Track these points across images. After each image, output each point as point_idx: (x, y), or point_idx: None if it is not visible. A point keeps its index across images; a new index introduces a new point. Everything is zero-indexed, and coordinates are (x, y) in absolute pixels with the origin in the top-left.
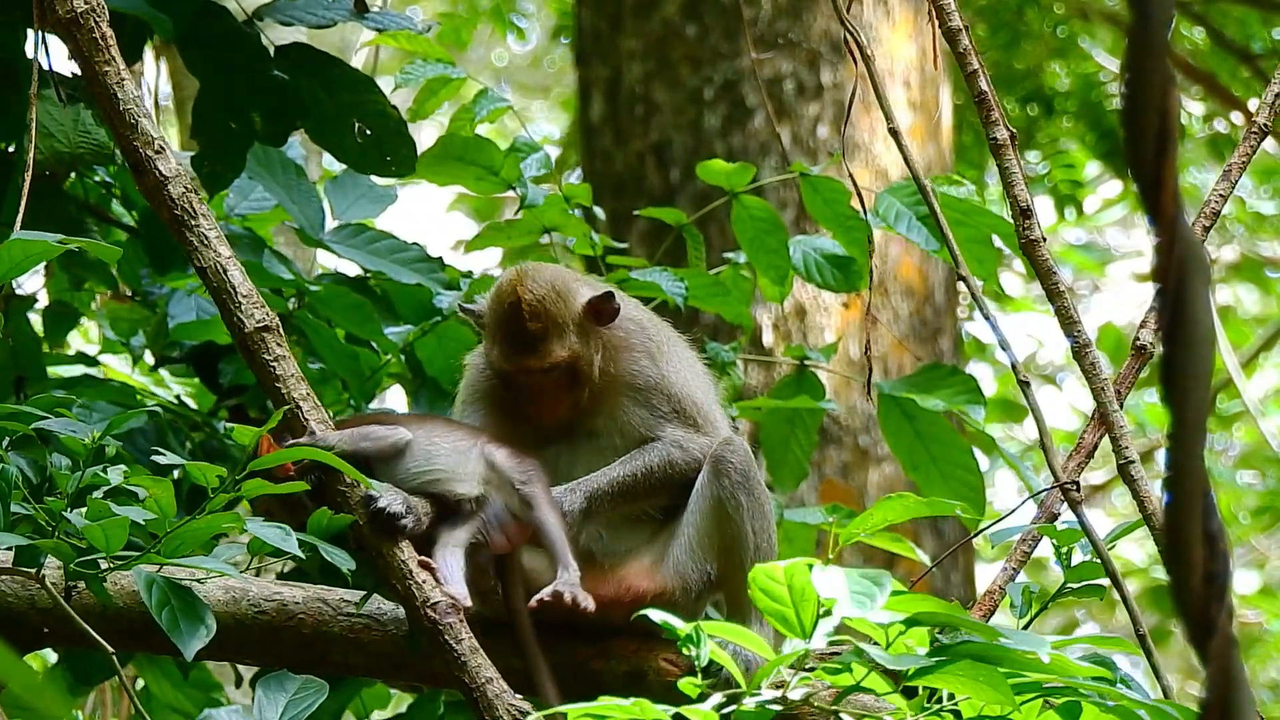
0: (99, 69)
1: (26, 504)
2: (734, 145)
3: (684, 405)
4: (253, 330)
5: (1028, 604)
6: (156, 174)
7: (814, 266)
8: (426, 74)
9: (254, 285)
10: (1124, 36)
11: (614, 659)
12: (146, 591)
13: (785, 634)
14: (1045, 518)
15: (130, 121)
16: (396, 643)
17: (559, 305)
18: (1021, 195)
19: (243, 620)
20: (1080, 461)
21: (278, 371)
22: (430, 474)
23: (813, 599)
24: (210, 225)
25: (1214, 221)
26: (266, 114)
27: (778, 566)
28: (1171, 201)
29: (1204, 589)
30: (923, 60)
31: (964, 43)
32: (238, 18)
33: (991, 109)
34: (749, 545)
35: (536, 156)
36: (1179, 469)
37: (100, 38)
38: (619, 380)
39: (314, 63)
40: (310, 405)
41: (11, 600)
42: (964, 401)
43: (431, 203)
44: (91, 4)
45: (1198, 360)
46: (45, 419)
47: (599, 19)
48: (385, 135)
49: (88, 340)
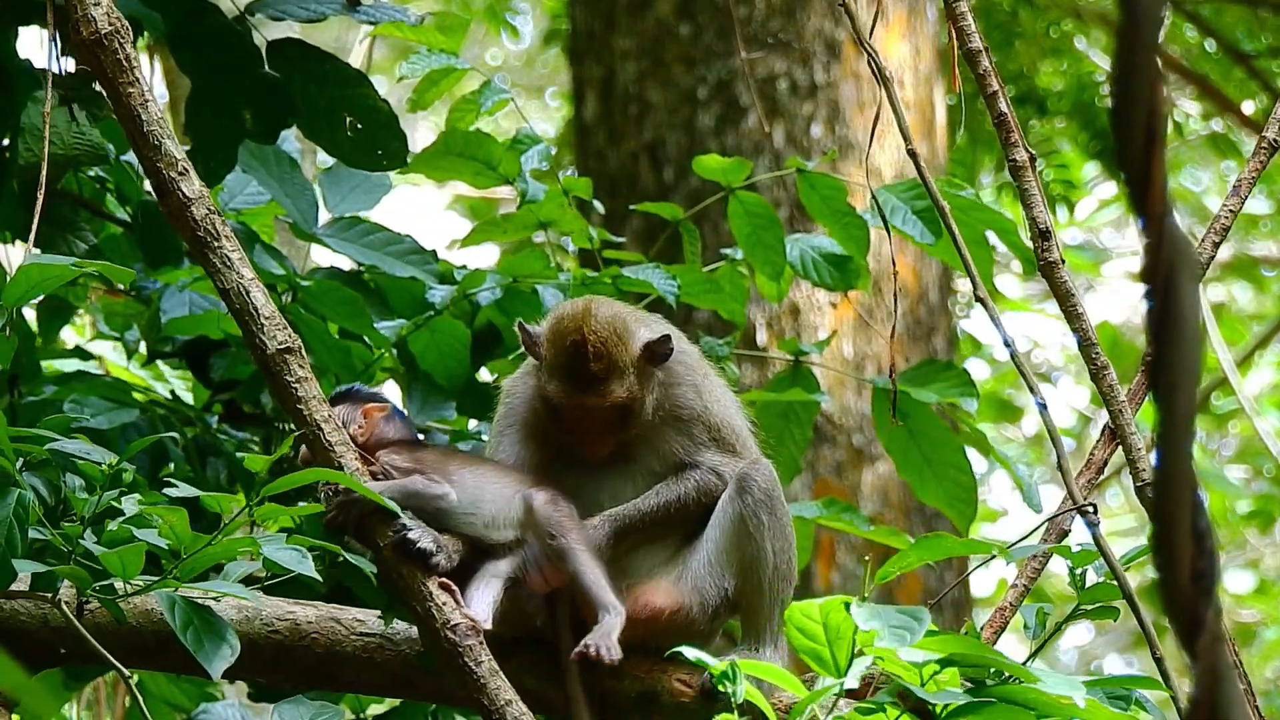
0: (123, 90)
1: (43, 528)
2: (728, 145)
3: (723, 433)
4: (275, 352)
5: (1041, 625)
6: (180, 195)
7: (811, 264)
8: (431, 64)
9: (275, 306)
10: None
11: (628, 679)
12: (170, 613)
13: (819, 671)
14: (1057, 536)
15: (154, 143)
16: (409, 661)
17: (619, 348)
18: (1041, 217)
19: (256, 639)
20: (1090, 478)
21: (299, 393)
22: (471, 523)
23: (848, 637)
24: (233, 247)
25: (1223, 238)
26: (257, 111)
27: (814, 604)
28: (1160, 200)
29: (1192, 586)
30: (916, 59)
31: (984, 64)
32: (229, 15)
33: (1011, 130)
34: (768, 564)
35: (538, 149)
36: (1167, 466)
37: (124, 59)
38: (663, 411)
39: (306, 58)
40: (331, 428)
41: (25, 619)
42: (956, 394)
43: (429, 203)
44: (116, 26)
45: (1186, 358)
46: (57, 440)
47: (593, 18)
48: (376, 129)
49: (81, 335)
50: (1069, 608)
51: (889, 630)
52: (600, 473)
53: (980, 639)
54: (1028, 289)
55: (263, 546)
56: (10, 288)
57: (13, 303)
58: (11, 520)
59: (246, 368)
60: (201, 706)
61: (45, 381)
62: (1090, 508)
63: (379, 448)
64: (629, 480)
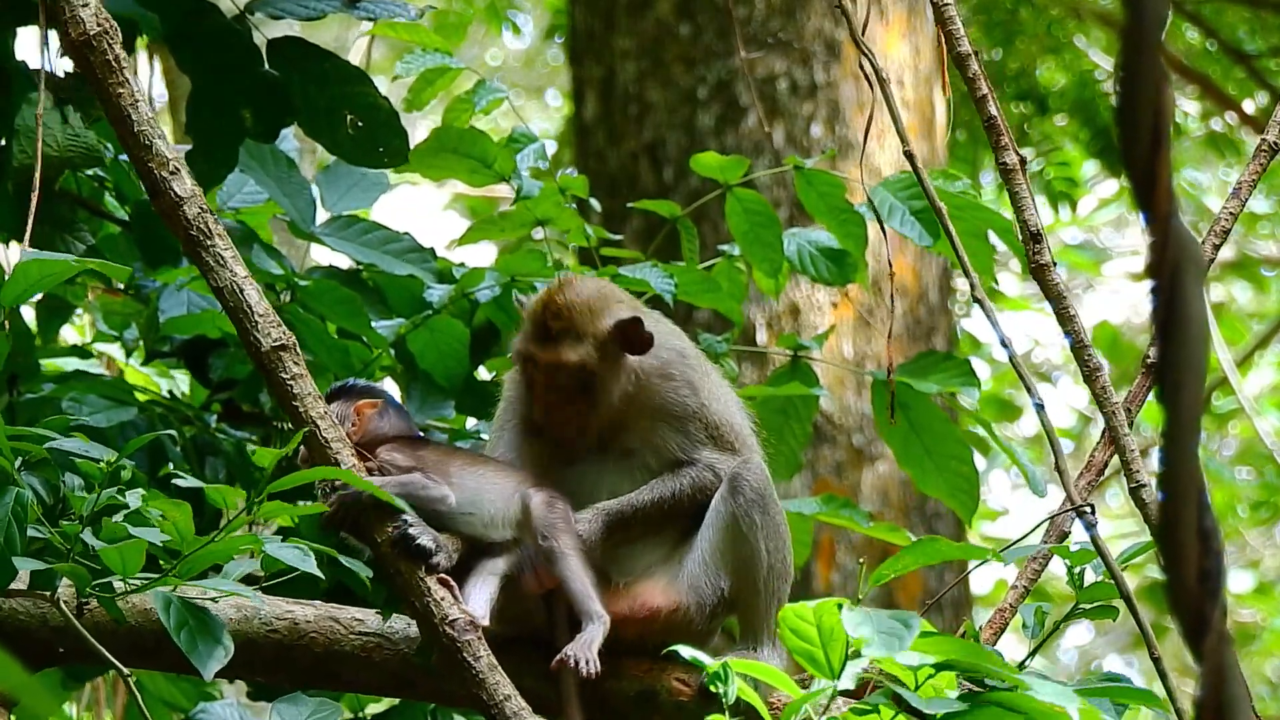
0: (113, 91)
1: (41, 526)
2: (727, 144)
3: (721, 431)
4: (269, 349)
5: (1039, 625)
6: (172, 195)
7: (808, 259)
8: (425, 64)
9: (270, 304)
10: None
11: (626, 679)
12: (164, 613)
13: (813, 673)
14: (1056, 537)
15: (145, 143)
16: (407, 661)
17: (586, 316)
18: (1032, 220)
19: (254, 638)
20: (1090, 480)
21: (295, 390)
22: (470, 522)
23: (842, 639)
24: (226, 245)
25: (1224, 239)
26: (258, 111)
27: (807, 606)
28: (1165, 198)
29: (1198, 586)
30: (916, 59)
31: (974, 68)
32: (229, 14)
33: (1001, 134)
34: (762, 564)
35: (533, 148)
36: (1173, 466)
37: (114, 60)
38: (657, 407)
39: (306, 57)
40: (328, 424)
41: (23, 618)
42: (958, 384)
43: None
44: (104, 27)
45: (1191, 356)
46: (55, 439)
47: (593, 18)
48: (377, 127)
49: (82, 335)
50: (1068, 607)
51: (879, 636)
52: (599, 468)
53: (979, 640)
54: (1027, 288)
55: (265, 544)
56: (8, 286)
57: (11, 301)
58: (10, 519)
59: (245, 367)
60: (200, 706)
61: (44, 380)
62: (1088, 509)
63: (377, 444)
64: (627, 476)
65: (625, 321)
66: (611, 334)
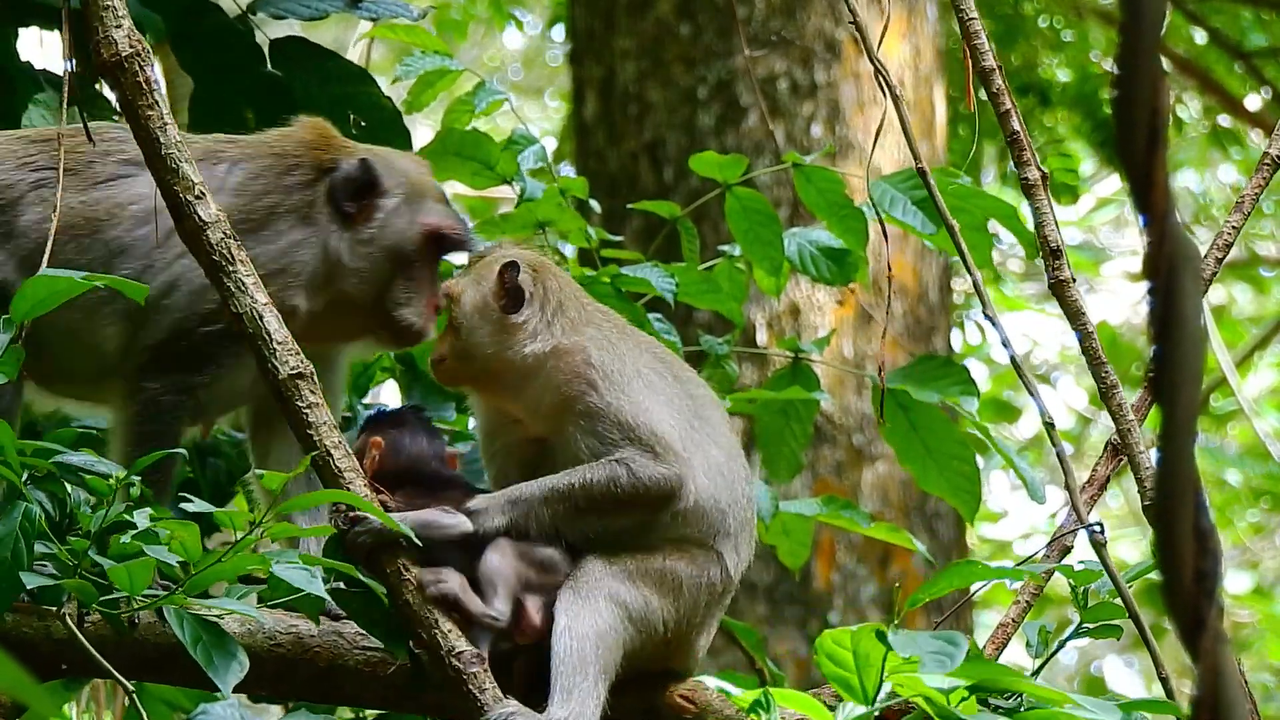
0: (142, 113)
1: (49, 542)
2: (728, 144)
3: (639, 433)
4: (286, 377)
5: (1043, 643)
6: (196, 219)
7: (809, 258)
8: (425, 66)
9: (288, 332)
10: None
11: (628, 695)
12: (179, 628)
13: (847, 699)
14: (1059, 553)
15: (172, 166)
16: (410, 676)
17: (481, 260)
18: (1052, 235)
19: (258, 652)
20: (1094, 495)
21: (310, 419)
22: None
23: (876, 665)
24: (248, 271)
25: (1225, 254)
26: (260, 110)
27: (846, 631)
28: (1162, 198)
29: (1194, 586)
30: (916, 59)
31: (998, 83)
32: (231, 14)
33: (1024, 149)
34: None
35: (534, 149)
36: (1169, 467)
37: (144, 81)
38: (567, 406)
39: (308, 56)
40: (341, 453)
41: (27, 631)
42: (958, 393)
43: None
44: (137, 49)
45: (1188, 357)
46: (64, 452)
47: (593, 18)
48: (380, 126)
49: None
50: (1068, 609)
51: (929, 657)
52: (539, 465)
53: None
54: (1026, 288)
55: (272, 565)
56: (17, 301)
57: (20, 317)
58: (18, 534)
59: None
60: (200, 707)
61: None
62: (1097, 527)
63: (401, 480)
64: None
65: (507, 265)
66: (500, 276)
